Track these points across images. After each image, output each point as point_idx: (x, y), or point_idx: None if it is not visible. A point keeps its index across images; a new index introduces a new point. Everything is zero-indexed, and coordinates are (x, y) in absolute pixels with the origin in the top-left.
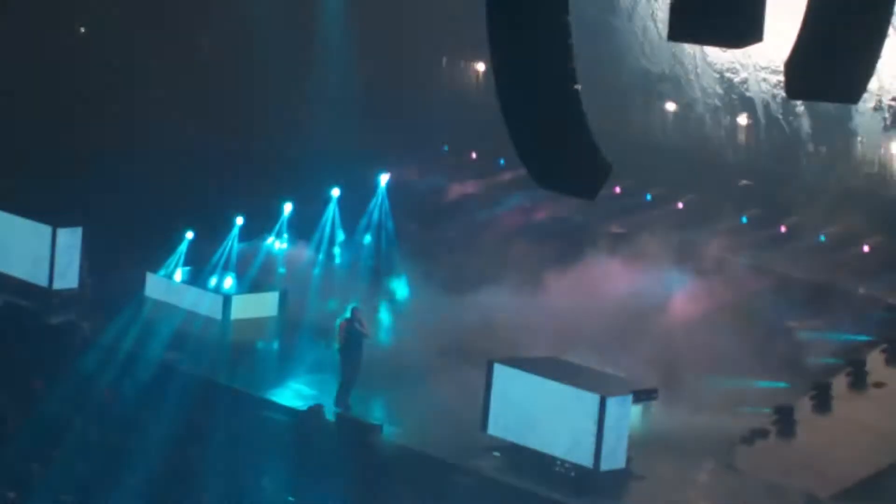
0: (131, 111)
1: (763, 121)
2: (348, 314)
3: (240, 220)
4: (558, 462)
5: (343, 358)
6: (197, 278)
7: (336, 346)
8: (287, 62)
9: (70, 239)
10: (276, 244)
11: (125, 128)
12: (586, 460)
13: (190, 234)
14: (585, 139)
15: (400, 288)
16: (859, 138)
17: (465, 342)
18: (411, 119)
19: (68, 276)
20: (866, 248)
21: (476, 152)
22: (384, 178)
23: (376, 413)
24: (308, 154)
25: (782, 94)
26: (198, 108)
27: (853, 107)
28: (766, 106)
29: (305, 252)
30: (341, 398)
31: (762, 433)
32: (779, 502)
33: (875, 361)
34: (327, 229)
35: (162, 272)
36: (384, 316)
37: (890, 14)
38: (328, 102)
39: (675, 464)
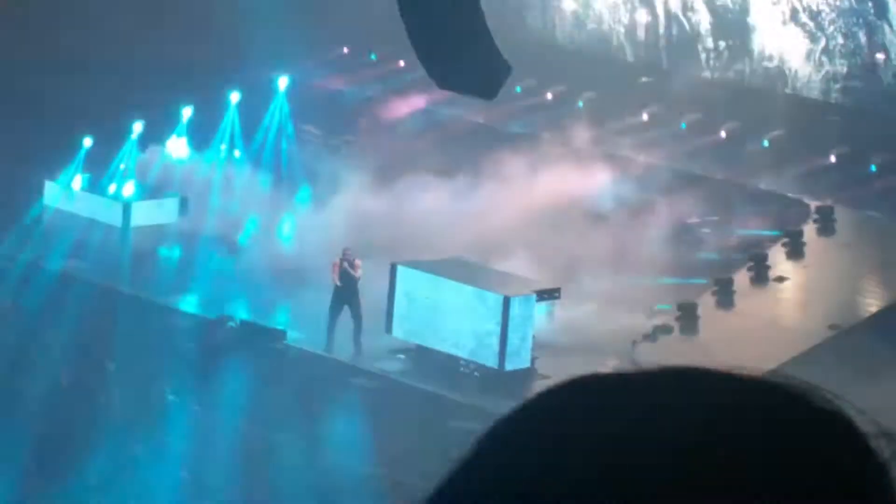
0: (27, 16)
1: (662, 17)
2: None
3: (138, 126)
4: (463, 363)
5: (337, 299)
6: (96, 185)
7: (335, 284)
8: None
9: None
10: (176, 150)
11: (21, 33)
12: (491, 360)
13: (88, 141)
14: (484, 40)
15: (301, 193)
16: (758, 34)
17: (368, 245)
18: (310, 20)
19: None
20: (766, 144)
21: (375, 54)
22: (283, 82)
23: (281, 318)
24: (207, 57)
25: None
26: (97, 12)
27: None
28: (666, 2)
29: (205, 157)
30: (331, 335)
31: (665, 329)
32: None
33: (776, 256)
34: (227, 134)
35: (60, 180)
36: (287, 221)
37: None
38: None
39: (579, 362)
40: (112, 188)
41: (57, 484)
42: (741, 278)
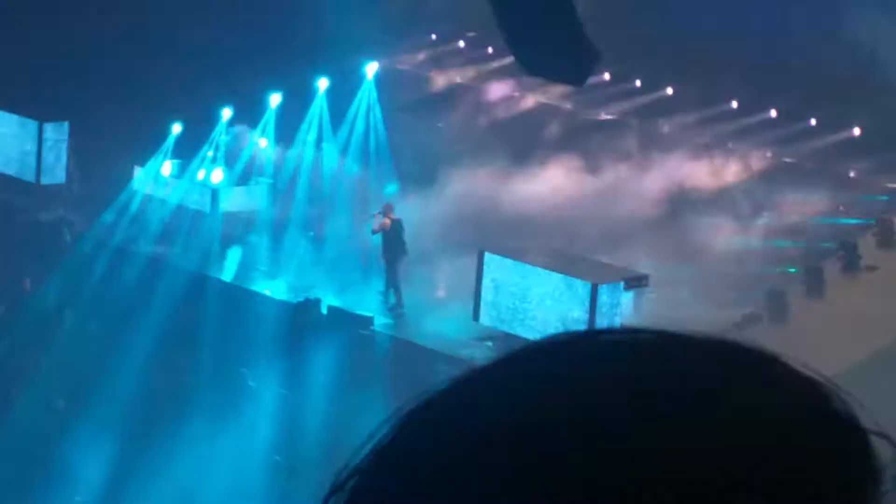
0: (117, 3)
1: (755, 6)
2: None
3: (227, 112)
4: None
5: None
6: (185, 171)
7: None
8: None
9: (57, 134)
10: (264, 139)
11: (112, 19)
12: None
13: (177, 127)
14: (574, 25)
15: (389, 186)
16: (850, 22)
17: (457, 233)
18: (398, 6)
19: (56, 172)
20: (857, 132)
21: (464, 40)
22: (371, 68)
23: (369, 305)
24: (295, 44)
25: None
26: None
27: None
28: None
29: (294, 144)
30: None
31: (754, 319)
32: None
33: (867, 245)
34: (316, 120)
35: (150, 166)
36: (375, 208)
37: None
38: None
39: None
40: (201, 174)
41: (146, 465)
42: (831, 267)
